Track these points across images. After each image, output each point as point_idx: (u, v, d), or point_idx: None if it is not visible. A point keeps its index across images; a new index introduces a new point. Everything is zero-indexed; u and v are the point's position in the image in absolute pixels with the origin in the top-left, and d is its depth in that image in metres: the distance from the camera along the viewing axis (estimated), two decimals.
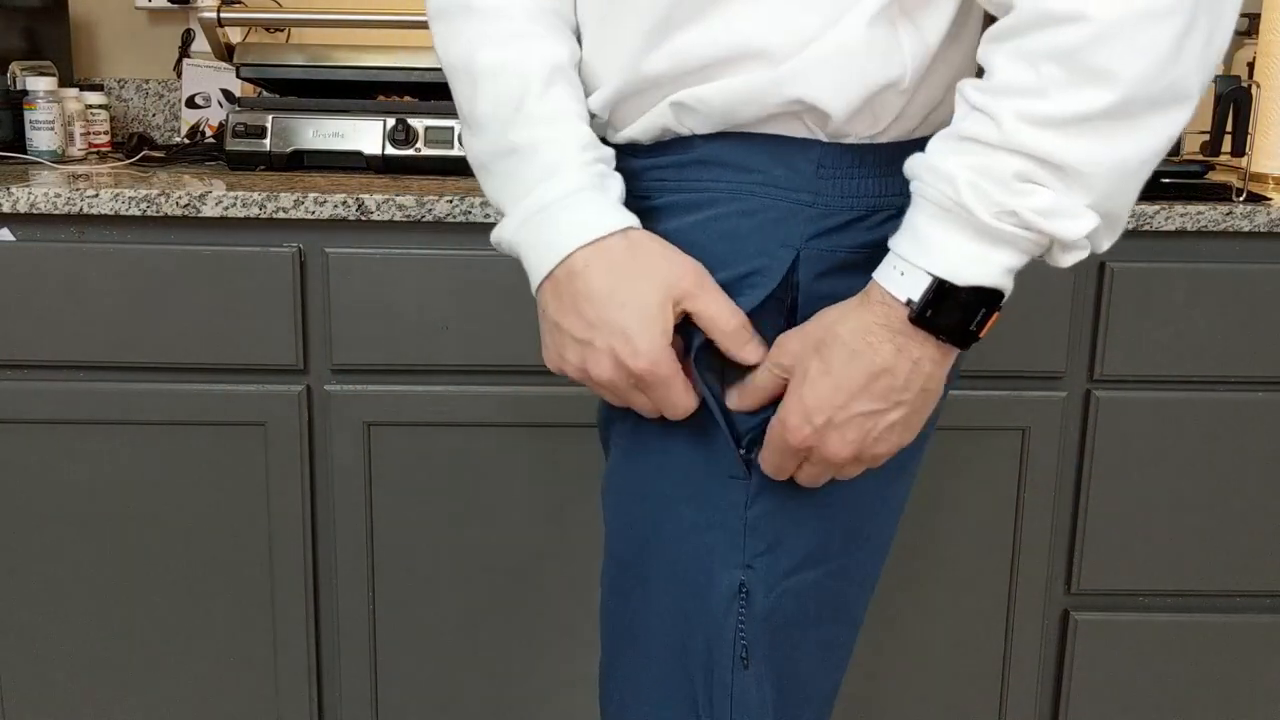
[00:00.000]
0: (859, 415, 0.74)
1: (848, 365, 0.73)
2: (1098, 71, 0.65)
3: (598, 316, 0.77)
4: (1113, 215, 0.71)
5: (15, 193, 1.41)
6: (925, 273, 0.71)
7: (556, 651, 1.58)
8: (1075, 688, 1.60)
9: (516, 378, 1.49)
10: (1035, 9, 0.66)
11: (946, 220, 0.70)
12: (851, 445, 0.75)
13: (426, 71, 1.68)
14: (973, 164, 0.68)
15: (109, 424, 1.49)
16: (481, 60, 0.82)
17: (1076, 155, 0.67)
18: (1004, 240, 0.70)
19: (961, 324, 0.71)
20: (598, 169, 0.80)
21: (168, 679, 1.57)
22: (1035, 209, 0.68)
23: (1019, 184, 0.68)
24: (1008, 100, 0.68)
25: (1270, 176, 1.65)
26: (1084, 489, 1.53)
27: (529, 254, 0.82)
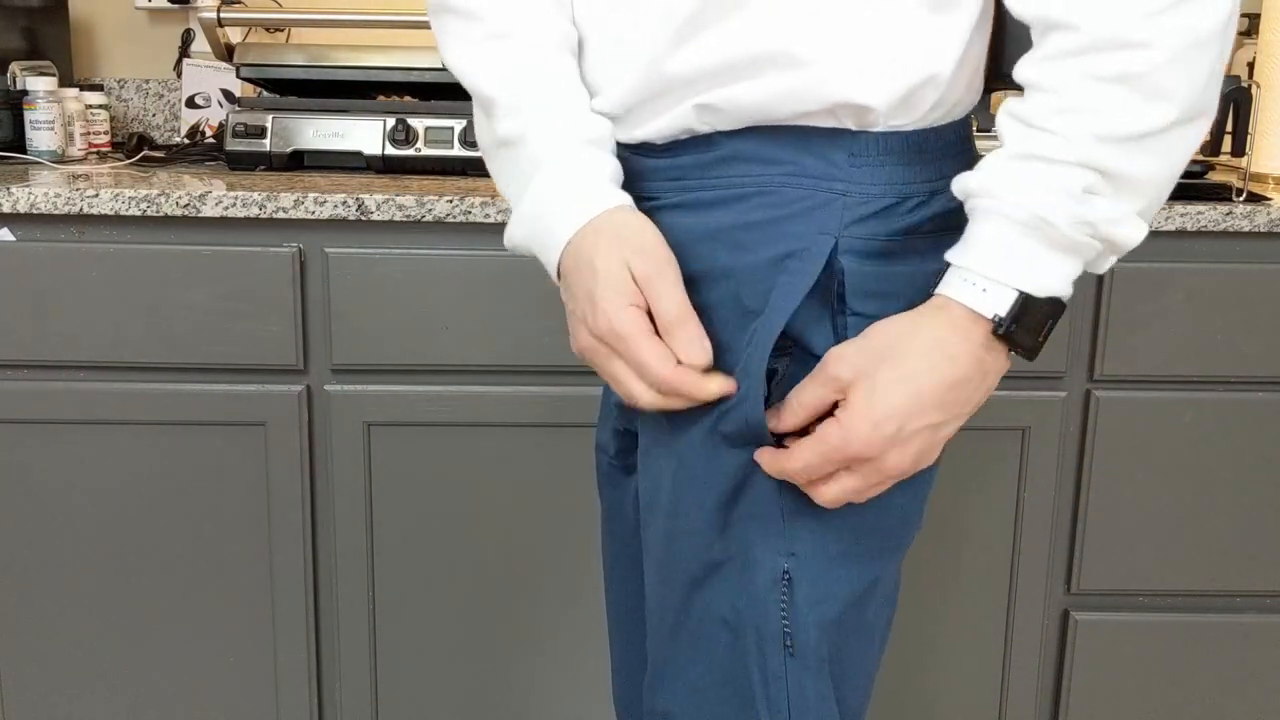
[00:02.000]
0: (927, 427, 0.74)
1: (927, 376, 0.73)
2: (1163, 92, 0.69)
3: (576, 287, 0.79)
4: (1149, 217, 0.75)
5: (15, 193, 1.41)
6: (1010, 288, 0.72)
7: (557, 651, 1.58)
8: (1075, 688, 1.60)
9: (516, 378, 1.49)
10: (1108, 35, 0.69)
11: (1028, 235, 0.72)
12: (911, 458, 0.75)
13: (426, 71, 1.68)
14: (1046, 182, 0.71)
15: (109, 424, 1.49)
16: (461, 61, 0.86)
17: (1138, 168, 0.71)
18: (1076, 250, 0.72)
19: (1036, 335, 0.73)
20: (583, 154, 0.81)
21: (168, 679, 1.57)
22: (1104, 219, 0.71)
23: (1085, 195, 0.71)
24: (1080, 118, 0.70)
25: (1270, 176, 1.65)
26: (1084, 489, 1.53)
27: (540, 253, 0.83)
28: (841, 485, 0.76)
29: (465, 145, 1.61)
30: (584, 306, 0.78)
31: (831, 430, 0.74)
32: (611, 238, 0.78)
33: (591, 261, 0.77)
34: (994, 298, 0.72)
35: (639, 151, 0.84)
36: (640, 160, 0.84)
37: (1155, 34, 0.69)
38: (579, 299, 0.79)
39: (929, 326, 0.74)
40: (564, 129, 0.81)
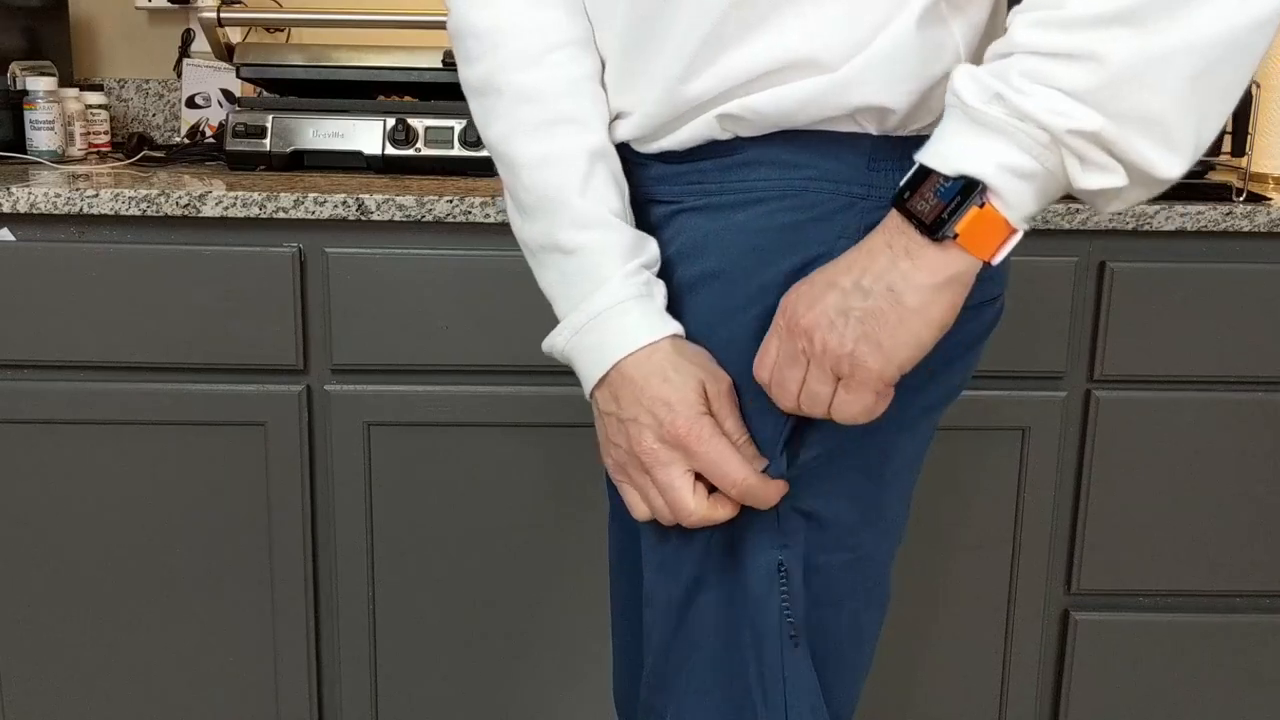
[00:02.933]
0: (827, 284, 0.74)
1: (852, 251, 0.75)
2: None
3: (642, 394, 0.81)
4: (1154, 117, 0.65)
5: (15, 193, 1.41)
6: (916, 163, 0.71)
7: (557, 651, 1.58)
8: (1075, 688, 1.60)
9: (516, 378, 1.49)
10: None
11: (945, 118, 0.70)
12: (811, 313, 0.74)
13: (426, 71, 1.68)
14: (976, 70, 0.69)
15: (109, 424, 1.49)
16: (519, 151, 0.85)
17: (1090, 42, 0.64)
18: (994, 129, 0.67)
19: (934, 209, 0.69)
20: (643, 278, 0.83)
21: (168, 679, 1.57)
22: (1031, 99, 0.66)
23: (1022, 80, 0.66)
24: (1024, 13, 0.67)
25: (1270, 176, 1.65)
26: (1084, 489, 1.53)
27: (582, 361, 0.86)
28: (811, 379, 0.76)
29: (465, 145, 1.61)
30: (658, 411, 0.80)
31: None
32: (678, 357, 0.81)
33: (665, 373, 0.80)
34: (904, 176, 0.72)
35: (659, 158, 0.85)
36: (660, 166, 0.85)
37: None
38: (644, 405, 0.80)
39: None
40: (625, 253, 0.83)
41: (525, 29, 0.84)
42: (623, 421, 0.83)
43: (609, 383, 0.83)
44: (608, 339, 0.82)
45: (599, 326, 0.83)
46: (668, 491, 0.81)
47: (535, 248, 0.87)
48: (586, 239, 0.83)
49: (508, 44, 0.85)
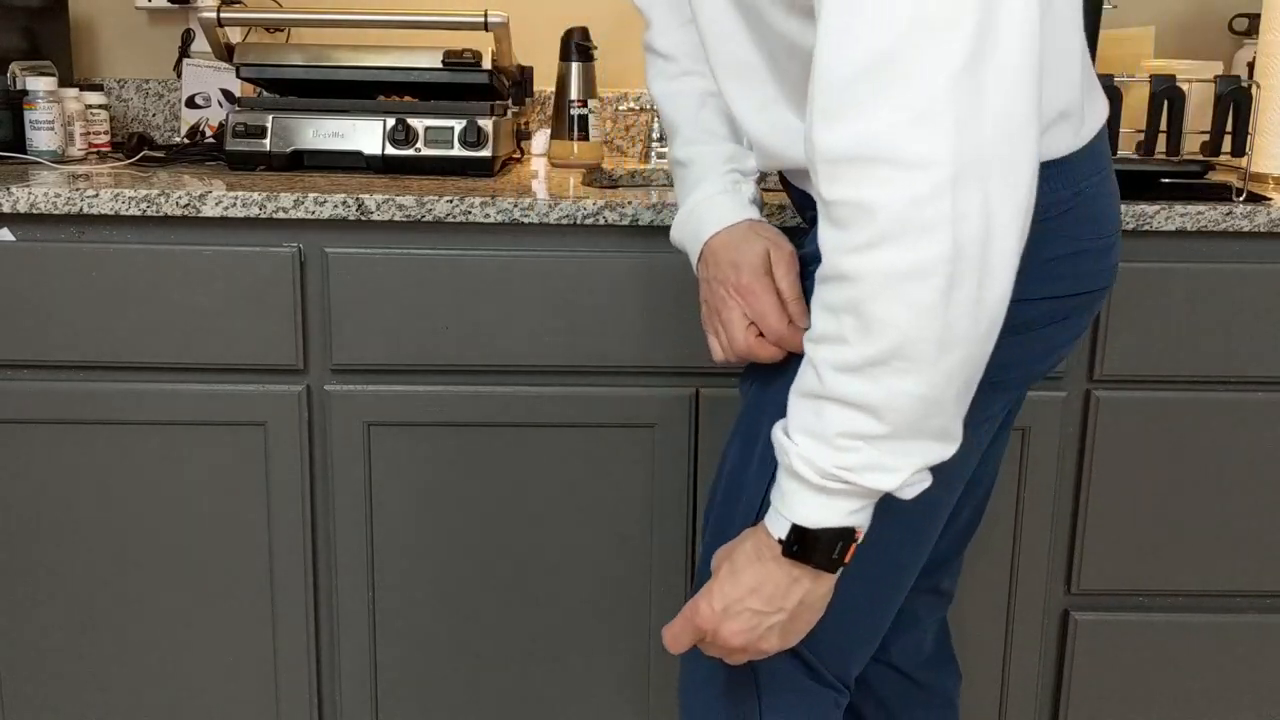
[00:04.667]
0: (749, 611, 0.90)
1: (746, 570, 0.89)
2: (878, 321, 0.77)
3: (721, 259, 1.05)
4: (939, 431, 0.82)
5: (15, 193, 1.41)
6: (786, 520, 0.86)
7: (556, 651, 1.58)
8: (1075, 688, 1.60)
9: (516, 378, 1.49)
10: (832, 266, 0.79)
11: (793, 479, 0.85)
12: (741, 636, 0.90)
13: (426, 71, 1.68)
14: (805, 427, 0.83)
15: (109, 424, 1.49)
16: (658, 90, 1.17)
17: (876, 395, 0.79)
18: (839, 494, 0.83)
19: (825, 555, 0.86)
20: (732, 178, 1.09)
21: (168, 679, 1.57)
22: (855, 466, 0.81)
23: (842, 440, 0.81)
24: (822, 349, 0.81)
25: (1270, 176, 1.65)
26: (1084, 489, 1.53)
27: (687, 243, 1.11)
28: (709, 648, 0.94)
29: (465, 145, 1.61)
30: (727, 272, 1.03)
31: (688, 607, 0.93)
32: (751, 232, 1.05)
33: (738, 244, 1.04)
34: (779, 524, 0.87)
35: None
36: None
37: (862, 266, 0.76)
38: (723, 266, 1.04)
39: (755, 535, 0.90)
40: (718, 161, 1.10)
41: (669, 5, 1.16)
42: (709, 281, 1.06)
43: (703, 256, 1.07)
44: (701, 224, 1.08)
45: (695, 215, 1.09)
46: (727, 325, 1.03)
47: (669, 161, 1.17)
48: (693, 153, 1.11)
49: (655, 18, 1.17)
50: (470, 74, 1.67)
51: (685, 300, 1.44)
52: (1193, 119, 1.52)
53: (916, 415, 0.79)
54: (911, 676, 1.28)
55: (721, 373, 1.46)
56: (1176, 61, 1.68)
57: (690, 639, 0.94)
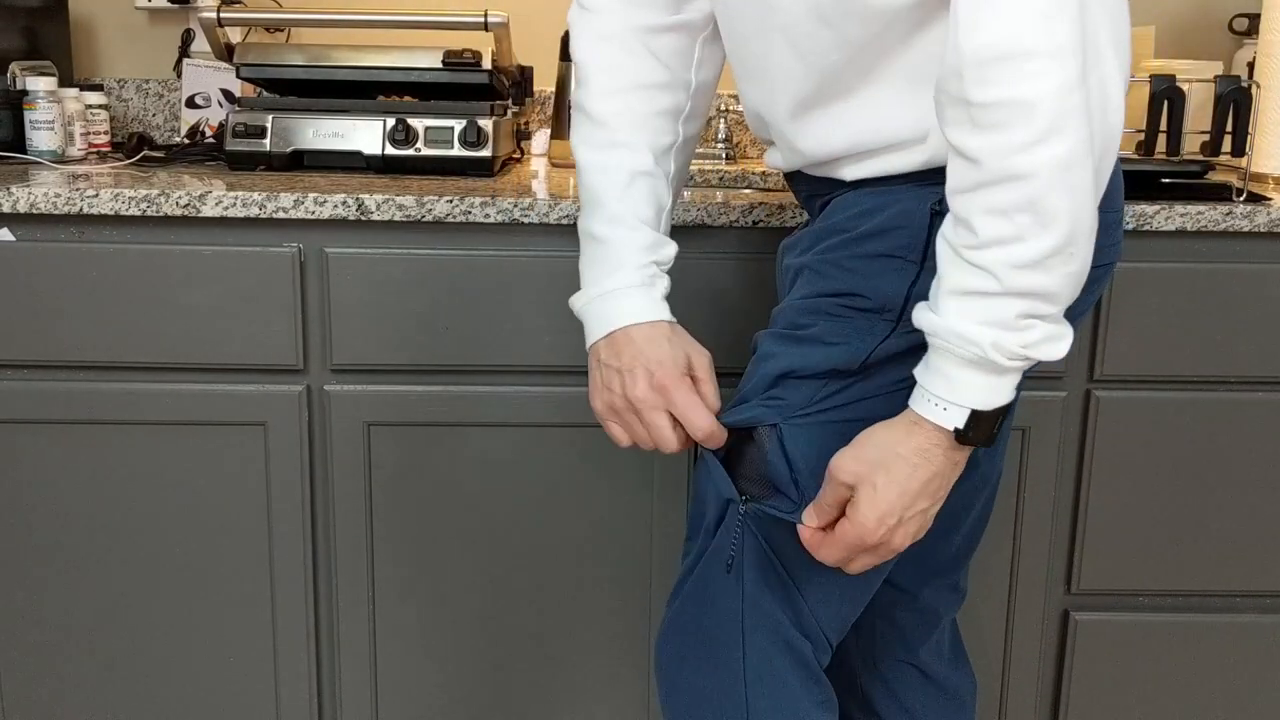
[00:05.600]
0: (919, 512, 0.93)
1: (911, 476, 0.92)
2: (1055, 213, 0.83)
3: (640, 354, 1.04)
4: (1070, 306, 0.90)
5: (15, 193, 1.41)
6: (964, 408, 0.90)
7: (556, 651, 1.58)
8: (1075, 688, 1.60)
9: (516, 378, 1.49)
10: (999, 168, 0.83)
11: (975, 369, 0.89)
12: (911, 536, 0.94)
13: (426, 71, 1.68)
14: (986, 318, 0.86)
15: (109, 424, 1.49)
16: (583, 158, 1.11)
17: (1055, 283, 0.85)
18: (1017, 371, 0.89)
19: (991, 432, 0.91)
20: (650, 270, 1.08)
21: (168, 679, 1.57)
22: (1036, 343, 0.87)
23: (1021, 322, 0.86)
24: (996, 252, 0.85)
25: (1270, 176, 1.65)
26: (1084, 489, 1.53)
27: (591, 323, 1.09)
28: (863, 562, 0.96)
29: (465, 145, 1.61)
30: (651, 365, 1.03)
31: (847, 529, 0.94)
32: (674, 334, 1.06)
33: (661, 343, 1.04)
34: (953, 415, 0.90)
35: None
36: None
37: (1036, 164, 0.82)
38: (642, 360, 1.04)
39: (908, 438, 0.92)
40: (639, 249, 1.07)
41: (609, 69, 1.11)
42: (619, 371, 1.05)
43: (613, 340, 1.06)
44: (613, 311, 1.06)
45: (609, 300, 1.07)
46: (653, 429, 1.04)
47: (580, 233, 1.12)
48: (613, 234, 1.08)
49: (592, 79, 1.11)
50: (470, 74, 1.67)
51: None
52: (1193, 119, 1.52)
53: (1075, 291, 0.87)
54: (935, 679, 1.28)
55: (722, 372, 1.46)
56: (1176, 61, 1.68)
57: (844, 554, 0.96)
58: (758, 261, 1.45)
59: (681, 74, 1.13)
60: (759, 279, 1.45)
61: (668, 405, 1.03)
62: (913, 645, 1.27)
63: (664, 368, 1.03)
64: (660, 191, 1.11)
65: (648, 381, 1.03)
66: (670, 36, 1.12)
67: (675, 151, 1.14)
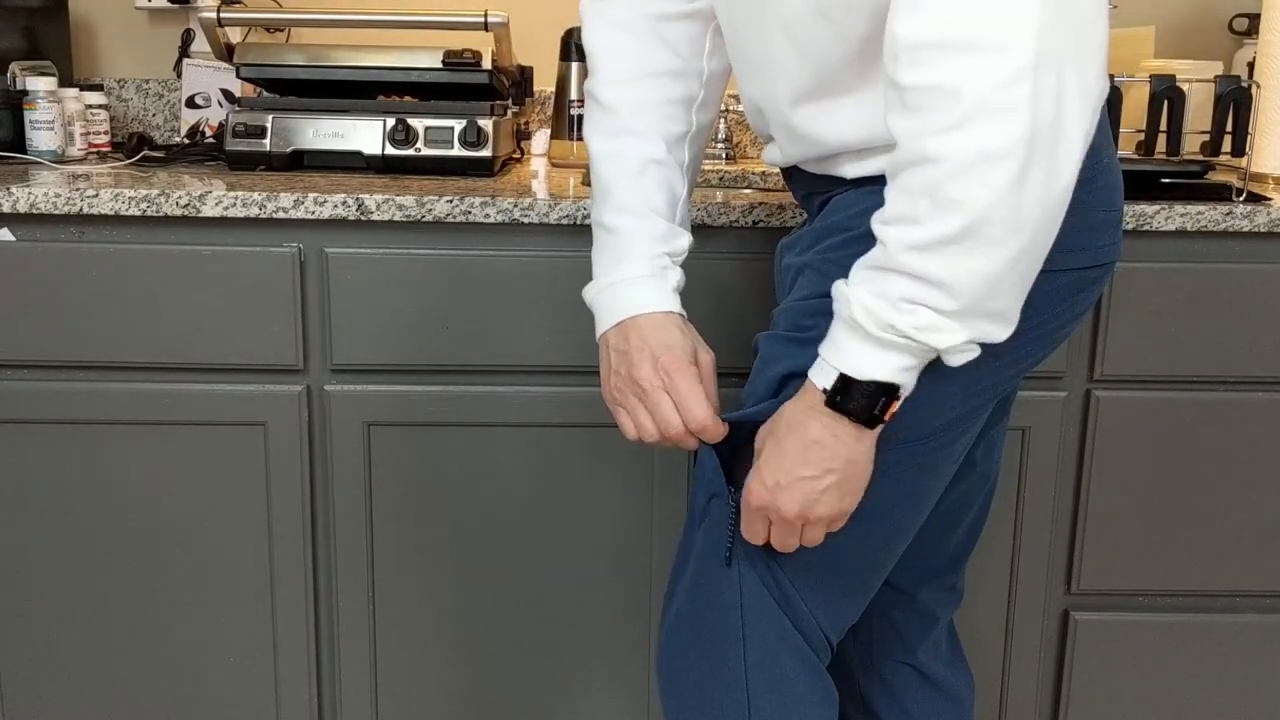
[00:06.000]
0: (799, 479, 0.93)
1: (788, 438, 0.94)
2: (954, 202, 0.81)
3: (648, 338, 1.05)
4: (997, 313, 0.87)
5: (15, 193, 1.41)
6: (834, 369, 0.90)
7: (556, 651, 1.58)
8: (1075, 688, 1.60)
9: (516, 378, 1.49)
10: (913, 149, 0.82)
11: (849, 331, 0.89)
12: (797, 504, 0.94)
13: (426, 71, 1.68)
14: (871, 288, 0.87)
15: (109, 424, 1.49)
16: (595, 146, 1.11)
17: (945, 272, 0.83)
18: (893, 347, 0.88)
19: (866, 409, 0.90)
20: (661, 261, 1.08)
21: (168, 679, 1.57)
22: (915, 325, 0.86)
23: (905, 304, 0.85)
24: (893, 228, 0.85)
25: (1270, 176, 1.65)
26: (1084, 489, 1.54)
27: (600, 313, 1.08)
28: (775, 536, 0.98)
29: (465, 145, 1.61)
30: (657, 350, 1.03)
31: (744, 495, 0.98)
32: (684, 325, 1.07)
33: (669, 330, 1.05)
34: (826, 375, 0.91)
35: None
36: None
37: (944, 147, 0.80)
38: (651, 345, 1.04)
39: (795, 402, 0.94)
40: (649, 239, 1.07)
41: (621, 56, 1.11)
42: (627, 353, 1.05)
43: (622, 327, 1.06)
44: (622, 301, 1.06)
45: (618, 290, 1.07)
46: (657, 410, 1.03)
47: (592, 222, 1.11)
48: (623, 223, 1.07)
49: (603, 67, 1.12)
50: (470, 74, 1.67)
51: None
52: (1193, 119, 1.52)
53: (980, 294, 0.84)
54: (933, 679, 1.28)
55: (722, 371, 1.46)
56: (1176, 61, 1.68)
57: (760, 526, 0.98)
58: (758, 261, 1.45)
59: (694, 62, 1.13)
60: (759, 279, 1.45)
61: (669, 389, 1.03)
62: (910, 646, 1.27)
63: (671, 351, 1.03)
64: (673, 180, 1.11)
65: (653, 364, 1.03)
66: (682, 24, 1.12)
67: (689, 140, 1.14)
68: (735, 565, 1.04)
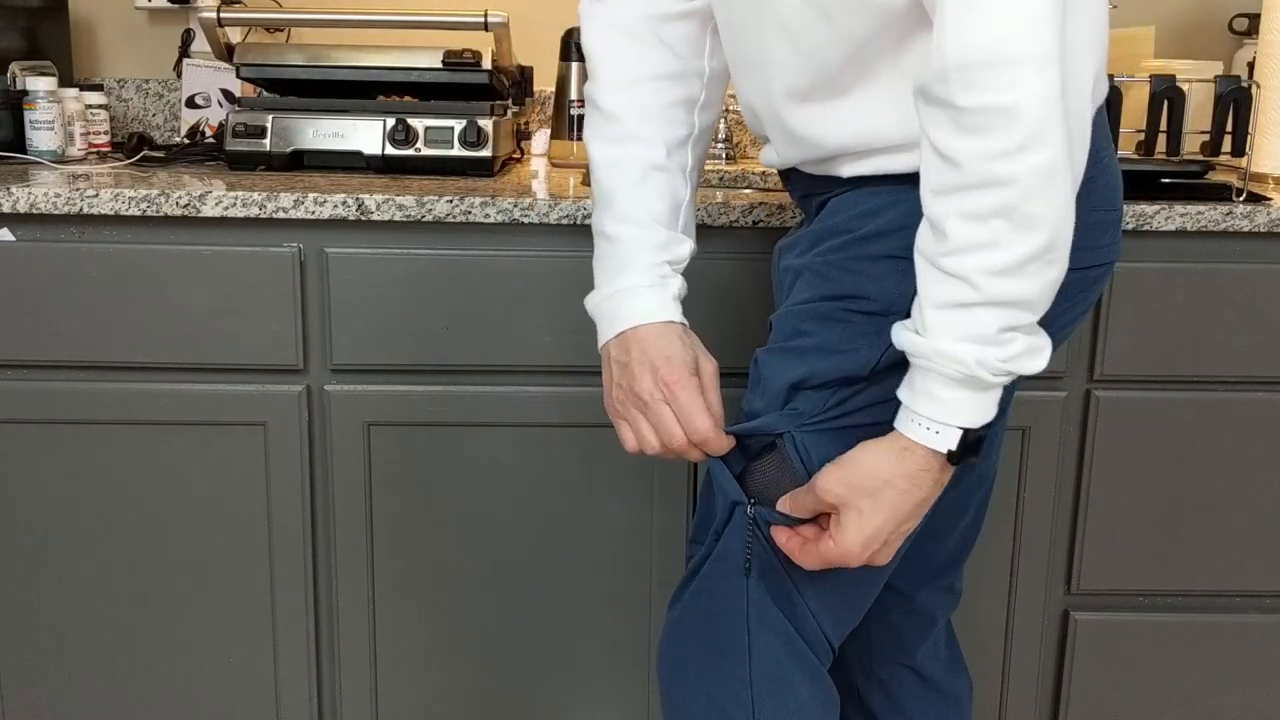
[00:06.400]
0: (904, 534, 0.94)
1: (901, 501, 0.92)
2: (1033, 219, 0.82)
3: (648, 349, 1.03)
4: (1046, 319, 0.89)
5: (15, 193, 1.41)
6: (955, 428, 0.89)
7: (556, 651, 1.58)
8: (1075, 688, 1.60)
9: (516, 378, 1.49)
10: (979, 173, 0.82)
11: (962, 387, 0.88)
12: (891, 555, 0.95)
13: (426, 71, 1.68)
14: (967, 333, 0.86)
15: (109, 424, 1.49)
16: (595, 153, 1.10)
17: (1031, 290, 0.85)
18: (996, 387, 0.89)
19: (977, 449, 0.91)
20: (662, 270, 1.07)
21: (168, 679, 1.57)
22: (1017, 356, 0.87)
23: (1003, 335, 0.86)
24: (971, 258, 0.84)
25: (1270, 176, 1.65)
26: (1084, 489, 1.53)
27: (602, 323, 1.08)
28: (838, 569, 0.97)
29: (465, 145, 1.61)
30: (657, 362, 1.02)
31: (830, 549, 0.94)
32: (684, 336, 1.05)
33: (670, 341, 1.03)
34: (945, 437, 0.90)
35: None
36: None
37: (1016, 168, 0.81)
38: (650, 357, 1.03)
39: (899, 464, 0.92)
40: (650, 248, 1.06)
41: (620, 60, 1.10)
42: (627, 365, 1.04)
43: (623, 338, 1.05)
44: (622, 311, 1.05)
45: (618, 300, 1.06)
46: (659, 423, 1.02)
47: (594, 231, 1.10)
48: (624, 232, 1.06)
49: (603, 72, 1.11)
50: (470, 74, 1.67)
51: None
52: (1193, 119, 1.52)
53: (1050, 298, 0.87)
54: (932, 681, 1.28)
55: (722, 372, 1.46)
56: (1176, 61, 1.68)
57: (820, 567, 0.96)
58: (758, 261, 1.45)
59: (694, 62, 1.12)
60: (759, 279, 1.45)
61: (670, 401, 1.02)
62: (909, 648, 1.27)
63: (670, 363, 1.02)
64: (675, 185, 1.10)
65: (653, 376, 1.02)
66: (681, 24, 1.11)
67: (692, 143, 1.13)
68: (745, 572, 1.03)
